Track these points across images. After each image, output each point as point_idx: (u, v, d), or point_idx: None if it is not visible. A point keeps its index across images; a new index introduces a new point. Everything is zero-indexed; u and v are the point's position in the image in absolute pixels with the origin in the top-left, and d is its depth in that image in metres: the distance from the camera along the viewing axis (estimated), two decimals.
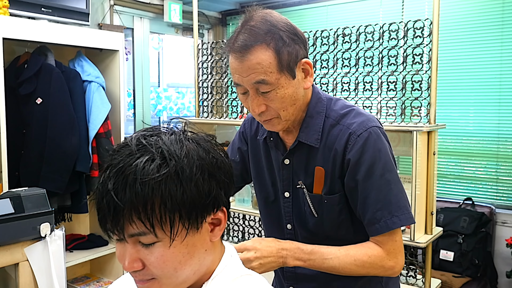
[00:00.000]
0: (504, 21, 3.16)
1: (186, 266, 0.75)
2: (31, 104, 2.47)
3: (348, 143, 1.10)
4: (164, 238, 0.71)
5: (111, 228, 0.72)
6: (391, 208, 1.09)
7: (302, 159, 1.18)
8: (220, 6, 4.37)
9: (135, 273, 0.75)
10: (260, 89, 1.06)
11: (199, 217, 0.74)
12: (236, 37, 1.07)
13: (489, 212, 3.20)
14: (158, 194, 0.69)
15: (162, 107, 4.28)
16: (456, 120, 3.38)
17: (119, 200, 0.69)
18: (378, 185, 1.09)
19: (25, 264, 1.83)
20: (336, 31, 2.41)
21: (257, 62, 1.03)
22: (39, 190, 1.89)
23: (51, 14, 2.61)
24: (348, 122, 1.13)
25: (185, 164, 0.71)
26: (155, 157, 0.70)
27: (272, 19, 1.06)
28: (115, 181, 0.70)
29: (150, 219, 0.69)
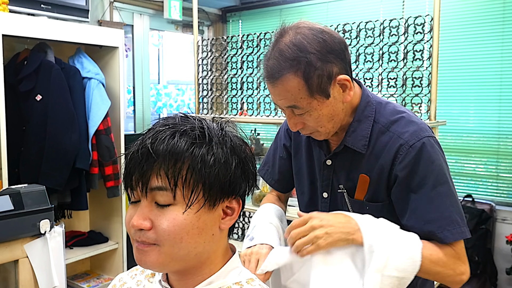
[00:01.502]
0: (505, 17, 3.15)
1: (192, 241, 0.75)
2: (31, 101, 2.47)
3: (399, 153, 1.06)
4: (180, 203, 0.73)
5: (137, 179, 0.73)
6: (443, 222, 1.04)
7: (346, 163, 1.16)
8: (220, 3, 4.36)
9: (139, 233, 0.74)
10: (294, 111, 1.07)
11: (218, 195, 0.76)
12: (268, 60, 1.06)
13: (489, 209, 3.20)
14: (189, 157, 0.73)
15: (162, 104, 4.27)
16: (457, 117, 3.37)
17: (154, 152, 0.72)
18: (430, 198, 1.04)
19: (25, 260, 1.83)
20: (336, 28, 2.40)
21: (286, 89, 1.03)
22: (39, 187, 1.89)
23: (50, 11, 2.61)
24: (399, 130, 1.08)
25: (221, 142, 0.76)
26: (196, 129, 0.75)
27: (302, 42, 1.02)
28: (154, 137, 0.74)
29: (176, 177, 0.72)
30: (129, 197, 0.77)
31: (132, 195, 0.76)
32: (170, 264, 0.76)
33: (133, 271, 0.95)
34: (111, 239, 2.96)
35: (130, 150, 0.76)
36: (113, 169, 2.74)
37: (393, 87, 2.27)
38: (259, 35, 2.70)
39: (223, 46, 2.92)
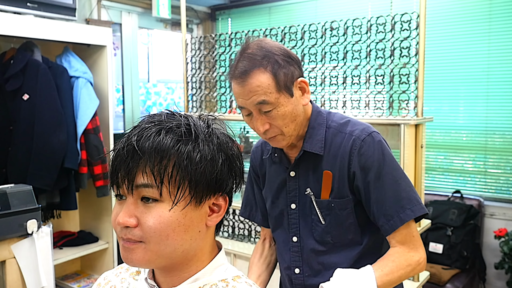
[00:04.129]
0: (491, 14, 3.17)
1: (178, 238, 0.75)
2: (18, 100, 2.44)
3: (353, 148, 1.20)
4: (166, 200, 0.73)
5: (122, 177, 0.73)
6: (403, 203, 1.17)
7: (309, 168, 1.26)
8: (209, 1, 4.35)
9: (125, 231, 0.74)
10: (262, 109, 1.16)
11: (204, 192, 0.76)
12: (236, 65, 1.17)
13: (477, 205, 3.23)
14: (175, 154, 0.73)
15: (151, 102, 4.26)
16: (445, 114, 3.40)
17: (139, 149, 0.72)
18: (388, 184, 1.18)
19: (12, 261, 1.82)
20: (324, 25, 2.41)
21: (256, 85, 1.14)
22: (26, 186, 1.87)
23: (37, 9, 2.58)
24: (350, 129, 1.23)
25: (207, 139, 0.76)
26: (181, 126, 0.75)
27: (267, 45, 1.17)
28: (139, 134, 0.74)
29: (162, 174, 0.72)
30: (115, 194, 0.77)
31: (118, 192, 0.76)
32: (156, 261, 0.76)
33: (118, 269, 0.95)
34: (101, 238, 2.95)
35: (115, 148, 0.76)
36: (102, 169, 2.73)
37: (381, 84, 2.28)
38: (247, 33, 2.70)
39: (211, 44, 2.92)
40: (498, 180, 3.27)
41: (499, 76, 3.18)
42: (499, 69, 3.17)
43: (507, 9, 3.12)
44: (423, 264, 1.19)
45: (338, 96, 2.43)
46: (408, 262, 1.16)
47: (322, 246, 1.26)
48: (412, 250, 1.18)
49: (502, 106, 3.19)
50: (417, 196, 1.19)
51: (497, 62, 3.17)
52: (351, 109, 2.40)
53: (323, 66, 2.46)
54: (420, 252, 1.19)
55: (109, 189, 2.79)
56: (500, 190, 3.27)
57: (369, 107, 2.34)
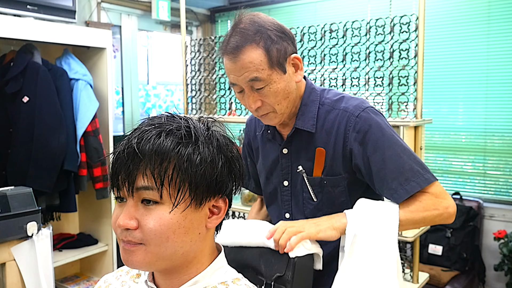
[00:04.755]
0: (490, 16, 3.18)
1: (178, 240, 0.75)
2: (18, 102, 2.45)
3: (349, 125, 1.17)
4: (167, 202, 0.74)
5: (123, 179, 0.74)
6: (407, 175, 1.12)
7: (301, 146, 1.24)
8: (209, 3, 4.36)
9: (125, 233, 0.75)
10: (254, 86, 1.13)
11: (204, 194, 0.76)
12: (228, 40, 1.14)
13: (476, 206, 3.23)
14: (175, 156, 0.73)
15: (151, 104, 4.27)
16: (444, 115, 3.40)
17: (140, 152, 0.73)
18: (388, 157, 1.13)
19: (12, 263, 1.81)
20: (323, 27, 2.42)
21: (249, 61, 1.11)
22: (26, 189, 1.87)
23: (37, 12, 2.58)
24: (344, 106, 1.20)
25: (207, 141, 0.77)
26: (181, 128, 0.76)
27: (260, 20, 1.14)
28: (140, 137, 0.74)
29: (162, 176, 0.72)
30: (116, 196, 0.78)
31: (118, 194, 0.77)
32: (156, 263, 0.76)
33: (118, 272, 0.95)
34: (100, 241, 2.95)
35: (116, 150, 0.76)
36: (101, 171, 2.73)
37: (380, 86, 2.29)
38: None
39: (211, 46, 2.92)
40: (498, 181, 3.27)
41: (498, 78, 3.18)
42: (498, 70, 3.18)
43: (506, 11, 3.13)
44: (452, 211, 1.13)
45: None
46: (435, 206, 1.12)
47: None
48: (439, 197, 1.13)
49: (501, 107, 3.19)
50: (422, 167, 1.14)
51: (496, 64, 3.18)
52: None
53: (322, 68, 2.46)
54: (449, 200, 1.13)
55: (109, 191, 2.79)
56: (500, 192, 3.27)
57: None
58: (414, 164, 1.13)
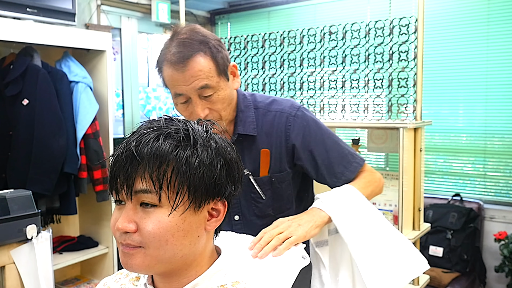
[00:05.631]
0: (489, 17, 3.18)
1: (177, 243, 0.75)
2: (18, 105, 2.45)
3: (288, 124, 1.28)
4: (165, 205, 0.74)
5: (121, 182, 0.74)
6: (348, 158, 1.32)
7: (244, 150, 1.30)
8: (209, 5, 4.36)
9: (124, 236, 0.75)
10: (203, 94, 1.17)
11: (203, 197, 0.76)
12: (171, 51, 1.16)
13: (477, 208, 3.23)
14: (174, 159, 0.73)
15: (151, 107, 4.27)
16: (444, 117, 3.40)
17: (138, 155, 0.73)
18: (329, 146, 1.30)
19: (12, 267, 1.81)
20: (322, 29, 2.42)
21: (198, 69, 1.14)
22: (25, 191, 1.87)
23: (36, 14, 2.59)
24: (279, 107, 1.31)
25: (206, 144, 0.77)
26: (180, 131, 0.75)
27: (200, 31, 1.19)
28: (138, 140, 0.74)
29: (161, 180, 0.72)
30: (115, 199, 0.78)
31: (117, 197, 0.77)
32: (155, 266, 0.76)
33: (118, 275, 0.95)
34: (101, 243, 2.94)
35: (114, 153, 0.77)
36: (102, 173, 2.73)
37: (379, 88, 2.29)
38: (246, 37, 2.71)
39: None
40: (498, 183, 3.26)
41: (498, 79, 3.18)
42: (498, 72, 3.18)
43: (505, 13, 3.13)
44: (383, 182, 1.36)
45: (337, 100, 2.44)
46: (374, 179, 1.32)
47: (264, 219, 1.32)
48: (372, 173, 1.34)
49: (501, 109, 3.19)
50: (354, 151, 1.35)
51: (496, 65, 3.18)
52: (350, 113, 2.41)
53: (322, 70, 2.46)
54: (378, 173, 1.35)
55: (108, 194, 2.79)
56: (500, 193, 3.27)
57: (368, 111, 2.34)
58: (349, 149, 1.33)
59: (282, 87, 2.65)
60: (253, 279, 0.83)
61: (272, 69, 2.68)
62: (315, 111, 2.53)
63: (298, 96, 2.60)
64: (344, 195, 1.21)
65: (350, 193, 1.22)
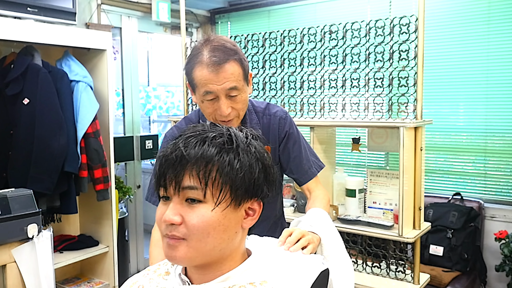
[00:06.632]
0: (490, 16, 3.18)
1: (218, 236, 0.82)
2: (18, 104, 2.45)
3: (280, 124, 1.56)
4: (209, 201, 0.81)
5: (170, 179, 0.82)
6: (313, 159, 1.63)
7: None
8: (209, 5, 4.36)
9: (170, 228, 0.82)
10: (230, 94, 1.36)
11: (242, 196, 0.84)
12: (207, 54, 1.34)
13: (477, 207, 3.23)
14: (219, 160, 0.81)
15: (151, 106, 4.27)
16: (444, 116, 3.40)
17: (187, 155, 0.81)
18: (303, 148, 1.59)
19: (13, 265, 1.82)
20: (322, 28, 2.42)
21: (230, 72, 1.34)
22: (26, 191, 1.88)
23: (37, 14, 2.59)
24: (272, 111, 1.58)
25: (246, 149, 0.85)
26: (224, 135, 0.85)
27: (229, 41, 1.39)
28: (186, 142, 0.83)
29: (206, 178, 0.81)
30: (159, 196, 0.86)
31: (164, 193, 0.84)
32: (197, 259, 0.83)
33: (146, 271, 1.01)
34: (101, 242, 2.95)
35: (163, 154, 0.85)
36: (102, 172, 2.73)
37: (380, 87, 2.29)
38: (246, 37, 2.71)
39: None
40: (498, 182, 3.27)
41: (499, 78, 3.18)
42: (498, 71, 3.18)
43: (506, 12, 3.13)
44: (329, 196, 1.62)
45: (338, 99, 2.44)
46: (327, 196, 1.57)
47: None
48: (322, 189, 1.59)
49: (502, 108, 3.19)
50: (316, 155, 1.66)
51: (496, 64, 3.18)
52: (351, 112, 2.41)
53: (322, 69, 2.46)
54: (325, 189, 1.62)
55: (111, 195, 2.79)
56: (500, 192, 3.27)
57: (369, 110, 2.34)
58: (315, 153, 1.66)
59: (283, 86, 2.66)
60: (278, 278, 0.88)
61: (272, 68, 2.68)
62: (315, 110, 2.53)
63: (298, 95, 2.60)
64: (323, 219, 1.31)
65: (326, 218, 1.33)
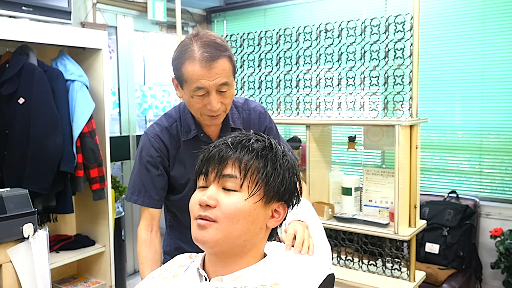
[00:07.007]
0: (485, 14, 3.19)
1: (245, 226, 0.90)
2: (13, 104, 2.44)
3: (260, 118, 1.63)
4: (244, 192, 0.90)
5: (214, 166, 0.92)
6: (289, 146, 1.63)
7: None
8: (205, 3, 4.36)
9: (204, 209, 0.90)
10: (220, 89, 1.38)
11: (273, 196, 0.93)
12: (197, 50, 1.35)
13: (473, 205, 3.25)
14: (259, 159, 0.92)
15: (147, 105, 4.26)
16: (440, 114, 3.41)
17: (233, 148, 0.92)
18: (282, 140, 1.65)
19: (8, 265, 1.82)
20: (318, 27, 2.42)
21: (222, 69, 1.36)
22: (22, 190, 1.88)
23: (32, 13, 2.58)
24: (251, 106, 1.63)
25: (283, 157, 0.96)
26: (266, 142, 0.96)
27: (219, 38, 1.41)
28: (233, 138, 0.95)
29: (246, 170, 0.91)
30: (196, 183, 0.96)
31: (203, 181, 0.94)
32: (223, 243, 0.90)
33: (150, 275, 1.07)
34: (98, 242, 2.94)
35: (210, 145, 0.96)
36: (98, 172, 2.73)
37: (375, 85, 2.30)
38: (242, 35, 2.71)
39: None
40: (494, 180, 3.28)
41: (494, 77, 3.19)
42: (494, 69, 3.19)
43: (501, 10, 3.14)
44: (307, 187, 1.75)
45: (333, 98, 2.44)
46: (306, 187, 1.59)
47: None
48: None
49: (497, 106, 3.21)
50: None
51: (492, 62, 3.19)
52: (346, 111, 2.41)
53: (318, 67, 2.47)
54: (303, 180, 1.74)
55: (107, 195, 2.79)
56: (496, 190, 3.28)
57: (364, 108, 2.35)
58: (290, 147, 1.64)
59: (278, 85, 2.66)
60: (289, 281, 0.93)
61: (268, 67, 2.68)
62: (311, 109, 2.53)
63: (294, 94, 2.60)
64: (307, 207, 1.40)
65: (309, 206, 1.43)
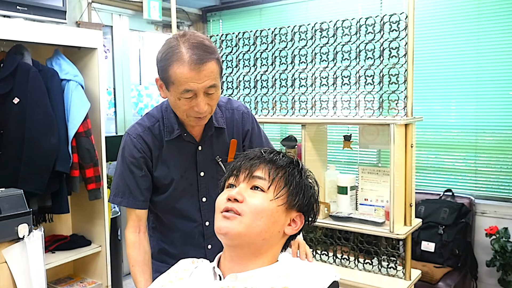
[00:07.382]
0: (480, 13, 3.20)
1: (267, 225, 0.99)
2: (8, 104, 2.43)
3: (244, 118, 1.63)
4: (270, 193, 1.01)
5: (245, 168, 1.04)
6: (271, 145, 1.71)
7: (214, 140, 1.57)
8: (200, 3, 4.35)
9: (231, 202, 1.00)
10: (208, 92, 1.38)
11: (294, 204, 1.03)
12: (185, 52, 1.33)
13: (468, 203, 3.26)
14: (286, 170, 1.04)
15: (143, 105, 4.26)
16: (435, 113, 3.42)
17: (266, 156, 1.06)
18: (263, 137, 1.68)
19: (3, 266, 1.81)
20: (313, 26, 2.43)
21: (211, 71, 1.36)
22: (16, 190, 1.87)
23: (26, 12, 2.57)
24: (235, 106, 1.63)
25: (306, 174, 1.08)
26: (292, 157, 1.09)
27: (207, 39, 1.40)
28: (265, 150, 1.08)
29: (274, 175, 1.02)
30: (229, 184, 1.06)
31: (233, 181, 1.05)
32: (243, 237, 0.97)
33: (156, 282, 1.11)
34: (94, 242, 2.94)
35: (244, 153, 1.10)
36: (94, 172, 2.72)
37: (371, 84, 2.30)
38: (237, 35, 2.71)
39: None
40: (489, 178, 3.29)
41: (489, 75, 3.20)
42: (489, 68, 3.20)
43: (496, 9, 3.15)
44: None
45: (329, 97, 2.45)
46: None
47: None
48: None
49: (492, 104, 3.22)
50: None
51: (487, 61, 3.20)
52: (342, 110, 2.42)
53: (313, 67, 2.47)
54: None
55: (103, 195, 2.78)
56: (491, 188, 3.29)
57: (359, 107, 2.35)
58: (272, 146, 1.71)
59: (274, 84, 2.66)
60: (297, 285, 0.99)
61: (263, 66, 2.68)
62: (306, 108, 2.54)
63: (289, 93, 2.60)
64: None
65: None
